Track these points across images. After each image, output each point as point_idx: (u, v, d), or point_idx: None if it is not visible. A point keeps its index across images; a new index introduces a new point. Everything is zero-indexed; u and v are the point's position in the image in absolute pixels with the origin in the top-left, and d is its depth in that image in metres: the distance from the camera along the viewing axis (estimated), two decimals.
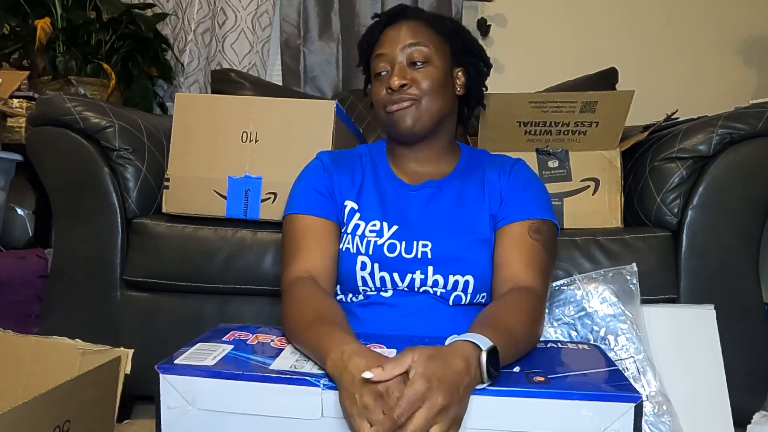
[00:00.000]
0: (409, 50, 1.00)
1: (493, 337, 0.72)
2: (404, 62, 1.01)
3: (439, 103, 1.01)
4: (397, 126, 1.01)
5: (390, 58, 1.02)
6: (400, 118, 1.00)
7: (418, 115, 1.00)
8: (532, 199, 1.01)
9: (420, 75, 1.00)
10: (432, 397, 0.63)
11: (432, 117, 1.01)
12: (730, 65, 2.26)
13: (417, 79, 0.99)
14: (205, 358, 0.77)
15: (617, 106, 1.35)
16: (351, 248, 0.99)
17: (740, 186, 1.25)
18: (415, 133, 1.02)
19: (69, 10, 2.00)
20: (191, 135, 1.27)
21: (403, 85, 0.99)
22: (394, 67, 1.00)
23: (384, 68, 1.02)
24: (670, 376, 1.11)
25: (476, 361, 0.69)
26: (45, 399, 0.77)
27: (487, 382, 0.69)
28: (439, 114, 1.02)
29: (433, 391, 0.63)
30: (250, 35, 2.19)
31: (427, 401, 0.63)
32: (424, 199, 1.04)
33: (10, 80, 1.67)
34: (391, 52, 1.01)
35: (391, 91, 0.99)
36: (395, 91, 0.99)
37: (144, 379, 0.85)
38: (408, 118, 1.00)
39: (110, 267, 1.31)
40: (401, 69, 1.00)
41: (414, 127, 1.00)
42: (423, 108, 1.00)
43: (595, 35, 2.26)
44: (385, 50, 1.02)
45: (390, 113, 1.01)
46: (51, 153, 1.33)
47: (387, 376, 0.64)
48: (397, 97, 0.99)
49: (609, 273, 1.16)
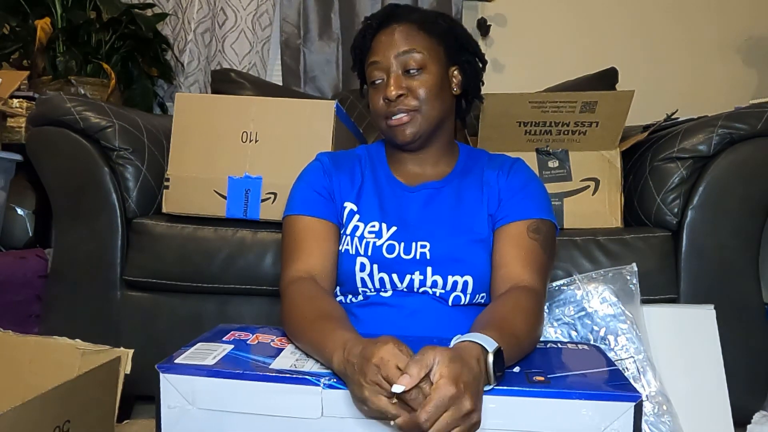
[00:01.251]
0: (404, 58, 0.99)
1: (498, 338, 0.72)
2: (399, 70, 0.99)
3: (437, 109, 1.01)
4: (397, 138, 1.01)
5: (384, 66, 1.00)
6: (400, 132, 1.00)
7: (417, 125, 0.99)
8: (530, 198, 1.01)
9: (416, 83, 0.99)
10: (459, 402, 0.63)
11: (431, 123, 1.01)
12: (730, 65, 2.26)
13: (413, 87, 0.98)
14: (206, 357, 0.77)
15: (617, 106, 1.35)
16: (350, 249, 0.99)
17: (740, 186, 1.25)
18: (416, 142, 1.02)
19: (69, 10, 2.00)
20: (191, 135, 1.27)
21: (400, 95, 0.98)
22: (390, 77, 0.99)
23: (379, 77, 1.01)
24: (670, 376, 1.11)
25: (484, 364, 0.69)
26: (45, 399, 0.77)
27: (494, 383, 0.69)
28: (438, 119, 1.02)
29: (462, 395, 0.63)
30: (250, 35, 2.19)
31: (455, 406, 0.62)
32: (423, 201, 1.04)
33: (10, 80, 1.67)
34: (385, 60, 1.00)
35: (389, 101, 0.98)
36: (392, 102, 0.98)
37: (144, 379, 0.84)
38: (407, 130, 0.99)
39: (110, 267, 1.31)
40: (397, 78, 0.99)
41: (414, 138, 1.00)
42: (422, 117, 0.99)
43: (595, 35, 2.26)
44: (379, 58, 1.00)
45: (391, 127, 1.00)
46: (51, 153, 1.34)
47: (415, 382, 0.63)
48: (395, 108, 0.98)
49: (609, 273, 1.16)
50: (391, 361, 0.65)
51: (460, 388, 0.63)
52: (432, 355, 0.65)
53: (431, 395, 0.62)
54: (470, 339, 0.72)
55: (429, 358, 0.65)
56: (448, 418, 0.62)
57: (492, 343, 0.71)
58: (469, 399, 0.63)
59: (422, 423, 0.62)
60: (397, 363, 0.65)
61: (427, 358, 0.65)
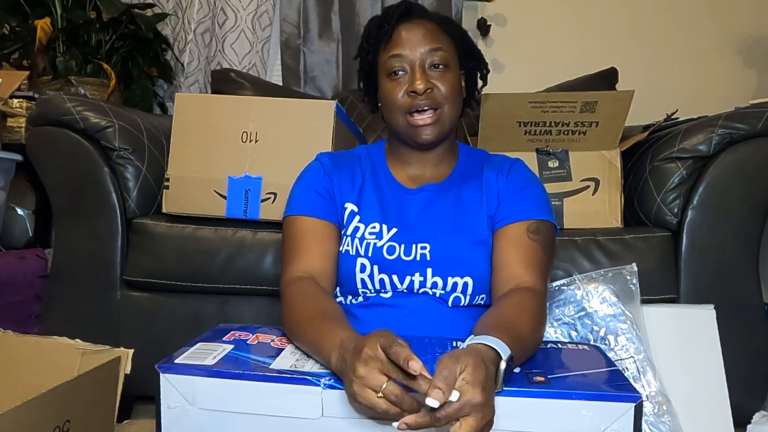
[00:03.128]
0: (431, 54, 0.99)
1: (509, 343, 0.72)
2: (424, 65, 0.99)
3: (457, 108, 1.02)
4: (418, 137, 1.00)
5: (409, 60, 0.99)
6: (422, 132, 0.99)
7: (439, 127, 0.99)
8: (530, 199, 1.01)
9: (440, 80, 0.99)
10: (484, 411, 0.62)
11: (451, 125, 1.02)
12: (730, 65, 2.26)
13: (438, 84, 0.98)
14: (206, 357, 0.77)
15: (617, 106, 1.35)
16: (350, 250, 0.99)
17: (740, 186, 1.25)
18: (433, 144, 1.02)
19: (69, 10, 2.00)
20: (191, 135, 1.27)
21: (427, 89, 0.97)
22: (415, 70, 0.98)
23: (400, 68, 1.00)
24: (670, 376, 1.11)
25: (495, 369, 0.68)
26: (45, 399, 0.78)
27: (500, 389, 0.69)
28: (455, 119, 1.03)
29: (487, 404, 0.62)
30: (250, 35, 2.19)
31: (478, 413, 0.62)
32: (423, 202, 1.04)
33: (10, 80, 1.67)
34: (411, 54, 0.99)
35: (414, 95, 0.97)
36: (420, 95, 0.97)
37: (144, 379, 0.85)
38: (430, 132, 0.99)
39: (110, 267, 1.31)
40: (423, 72, 0.98)
41: (435, 140, 1.01)
42: (444, 117, 1.00)
43: (595, 35, 2.26)
44: (404, 51, 0.99)
45: (414, 126, 0.99)
46: (51, 153, 1.33)
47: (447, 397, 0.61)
48: (422, 102, 0.97)
49: (609, 273, 1.16)
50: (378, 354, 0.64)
51: (486, 397, 0.62)
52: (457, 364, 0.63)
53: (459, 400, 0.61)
54: (486, 342, 0.71)
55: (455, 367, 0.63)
56: (473, 423, 0.61)
57: (506, 349, 0.70)
58: (491, 408, 0.63)
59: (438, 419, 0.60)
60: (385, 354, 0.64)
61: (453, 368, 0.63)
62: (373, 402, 0.63)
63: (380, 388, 0.63)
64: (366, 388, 0.64)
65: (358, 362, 0.65)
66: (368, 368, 0.64)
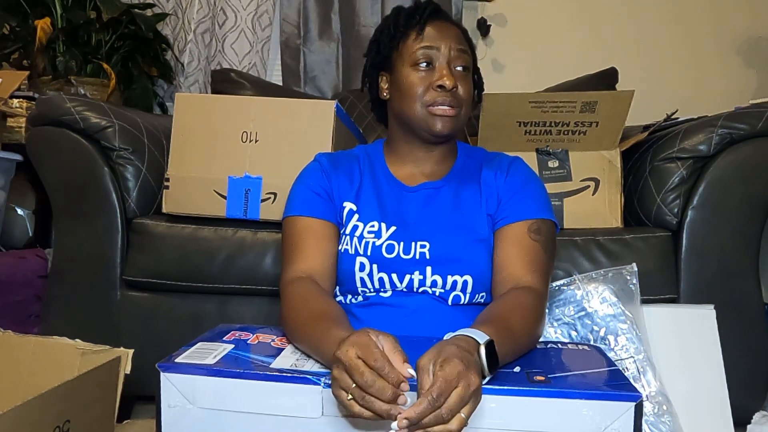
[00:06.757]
0: (460, 55, 1.00)
1: (492, 334, 0.72)
2: (451, 64, 1.00)
3: (469, 112, 1.04)
4: (436, 126, 0.99)
5: (442, 53, 0.99)
6: (441, 121, 0.99)
7: (457, 122, 1.00)
8: (530, 198, 1.00)
9: (463, 82, 1.00)
10: (467, 377, 0.62)
11: (463, 125, 1.04)
12: (730, 65, 2.26)
13: (461, 85, 1.00)
14: (206, 356, 0.77)
15: (617, 106, 1.35)
16: (350, 249, 0.99)
17: (740, 186, 1.25)
18: (445, 138, 1.03)
19: (69, 10, 2.00)
20: (191, 135, 1.27)
21: (454, 87, 0.98)
22: (444, 66, 0.99)
23: (429, 59, 1.00)
24: (670, 376, 1.11)
25: (477, 354, 0.69)
26: (45, 399, 0.77)
27: (488, 375, 0.69)
28: (465, 124, 1.04)
29: (469, 370, 0.63)
30: (250, 35, 2.19)
31: (463, 380, 0.62)
32: (422, 200, 1.03)
33: (10, 80, 1.66)
34: (444, 49, 0.99)
35: (440, 89, 0.98)
36: (446, 90, 0.97)
37: (144, 379, 0.84)
38: (449, 124, 0.99)
39: (110, 267, 1.31)
40: (451, 71, 0.99)
41: (450, 133, 1.01)
42: (461, 117, 1.01)
43: (595, 35, 2.26)
44: (437, 44, 1.00)
45: (434, 115, 0.99)
46: (51, 153, 1.34)
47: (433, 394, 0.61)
48: (449, 99, 0.98)
49: (609, 273, 1.16)
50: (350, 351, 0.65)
51: (465, 363, 0.63)
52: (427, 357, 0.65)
53: (439, 372, 0.62)
54: (462, 333, 0.72)
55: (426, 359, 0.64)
56: (458, 393, 0.61)
57: (483, 335, 0.71)
58: (474, 373, 0.63)
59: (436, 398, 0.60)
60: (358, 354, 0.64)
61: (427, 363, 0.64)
62: (345, 404, 0.65)
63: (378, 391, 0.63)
64: (341, 390, 0.65)
65: (333, 365, 0.66)
66: (339, 371, 0.65)
